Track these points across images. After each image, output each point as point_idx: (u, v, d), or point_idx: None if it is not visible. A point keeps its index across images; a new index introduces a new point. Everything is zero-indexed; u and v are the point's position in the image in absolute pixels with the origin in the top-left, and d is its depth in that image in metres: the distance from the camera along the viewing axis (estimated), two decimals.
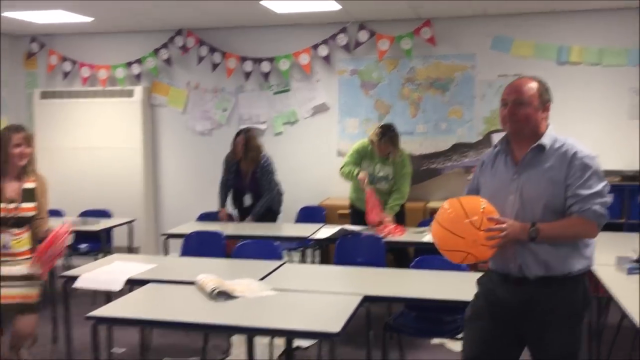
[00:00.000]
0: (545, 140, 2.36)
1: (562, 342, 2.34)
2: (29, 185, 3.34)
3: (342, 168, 4.97)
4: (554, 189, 2.31)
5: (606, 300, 3.63)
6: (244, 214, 5.34)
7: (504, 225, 2.26)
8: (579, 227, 2.29)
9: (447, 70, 6.05)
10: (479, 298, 2.52)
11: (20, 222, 3.31)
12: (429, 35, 5.94)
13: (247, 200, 5.27)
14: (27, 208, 3.32)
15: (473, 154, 6.01)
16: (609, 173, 5.16)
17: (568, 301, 2.33)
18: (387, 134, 4.84)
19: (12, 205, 3.26)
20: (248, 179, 5.25)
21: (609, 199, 2.32)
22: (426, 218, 5.55)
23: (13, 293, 3.32)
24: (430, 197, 6.11)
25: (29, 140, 3.31)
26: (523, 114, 2.35)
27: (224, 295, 2.98)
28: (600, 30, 5.72)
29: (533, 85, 2.39)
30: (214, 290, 2.97)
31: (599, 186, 2.29)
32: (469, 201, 2.37)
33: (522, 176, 2.38)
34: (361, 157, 4.93)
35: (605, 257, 3.31)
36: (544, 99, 2.39)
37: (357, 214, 5.05)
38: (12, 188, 3.29)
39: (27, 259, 3.31)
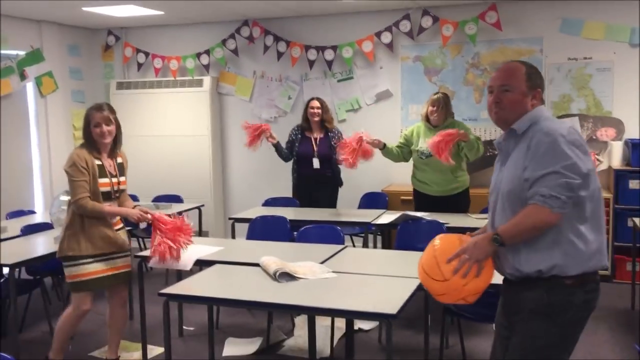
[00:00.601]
0: (519, 124, 2.21)
1: (519, 346, 2.20)
2: (119, 160, 3.69)
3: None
4: (513, 176, 2.16)
5: None
6: (304, 180, 5.44)
7: (462, 253, 2.14)
8: (532, 216, 2.07)
9: (513, 55, 5.94)
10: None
11: (119, 195, 3.68)
12: (495, 20, 5.85)
13: (316, 163, 5.36)
14: (123, 182, 3.71)
15: None
16: None
17: (537, 299, 2.15)
18: (444, 95, 4.96)
19: (115, 180, 3.61)
20: (316, 144, 5.35)
21: (570, 179, 2.04)
22: None
23: (118, 264, 3.68)
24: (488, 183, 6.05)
25: (107, 120, 3.55)
26: (509, 100, 2.22)
27: (286, 276, 3.10)
28: None
29: (520, 69, 2.25)
30: (277, 272, 3.10)
31: (554, 165, 2.05)
32: (441, 247, 2.24)
33: (502, 169, 2.27)
34: (409, 139, 4.99)
35: None
36: (532, 84, 2.24)
37: (420, 198, 5.07)
38: (109, 163, 3.62)
39: (119, 228, 3.69)
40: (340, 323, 4.14)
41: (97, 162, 3.53)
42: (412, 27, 6.13)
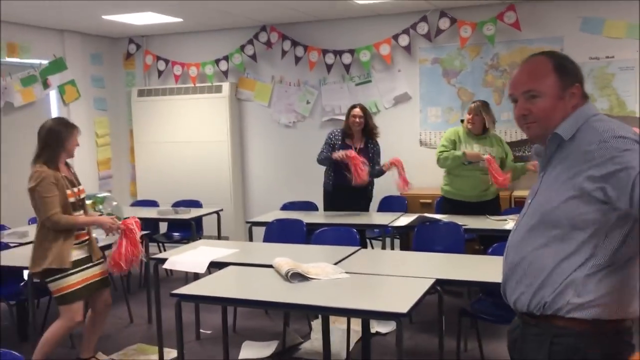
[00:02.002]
0: (564, 127, 1.72)
1: None
2: (72, 169, 3.74)
3: (439, 156, 4.86)
4: (555, 191, 1.70)
5: None
6: (339, 190, 5.17)
7: None
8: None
9: None
10: None
11: (82, 204, 3.70)
12: (514, 20, 5.78)
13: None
14: (82, 189, 3.73)
15: None
16: None
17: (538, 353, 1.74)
18: (482, 103, 4.89)
19: (76, 189, 3.65)
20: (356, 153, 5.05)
21: None
22: (512, 207, 5.45)
23: (97, 271, 3.67)
24: (515, 186, 5.96)
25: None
26: (540, 110, 1.74)
27: (298, 276, 3.09)
28: None
29: (547, 64, 1.75)
30: (288, 272, 3.09)
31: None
32: None
33: (541, 183, 1.80)
34: (453, 143, 4.88)
35: None
36: (567, 80, 1.73)
37: (453, 205, 4.92)
38: (68, 173, 3.64)
39: (86, 240, 3.71)
40: (357, 326, 4.11)
41: (60, 174, 3.55)
42: (429, 29, 6.09)
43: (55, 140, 3.54)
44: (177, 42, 7.23)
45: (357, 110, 5.14)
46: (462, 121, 5.02)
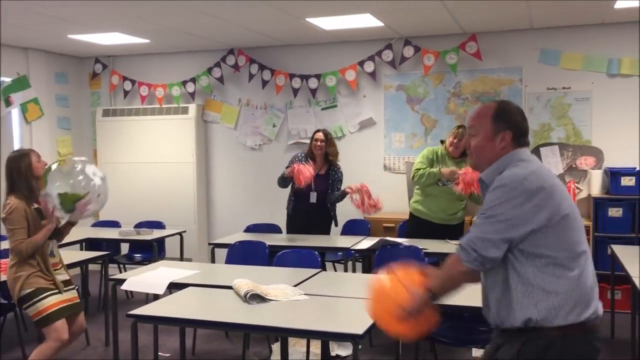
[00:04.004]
0: (487, 174, 2.08)
1: None
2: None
3: (414, 173, 4.91)
4: None
5: None
6: (300, 213, 5.28)
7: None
8: (449, 264, 2.02)
9: (493, 84, 6.03)
10: None
11: (56, 233, 3.67)
12: (475, 50, 5.95)
13: (313, 197, 5.22)
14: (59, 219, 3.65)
15: None
16: None
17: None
18: (462, 129, 4.88)
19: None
20: (315, 180, 5.13)
21: (484, 235, 1.94)
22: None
23: (70, 296, 3.63)
24: (475, 212, 6.07)
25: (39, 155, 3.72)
26: (474, 147, 2.10)
27: (256, 297, 3.09)
28: None
29: (489, 110, 2.09)
30: (247, 293, 3.09)
31: (486, 218, 1.95)
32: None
33: None
34: (431, 162, 4.93)
35: None
36: (499, 126, 2.05)
37: (420, 225, 4.99)
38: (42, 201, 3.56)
39: (59, 268, 3.71)
40: (317, 349, 4.10)
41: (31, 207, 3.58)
42: (394, 57, 6.22)
43: (19, 175, 3.58)
44: (144, 62, 7.23)
45: (319, 135, 5.25)
46: (441, 142, 5.10)
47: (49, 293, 3.55)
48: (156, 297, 4.16)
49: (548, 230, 1.94)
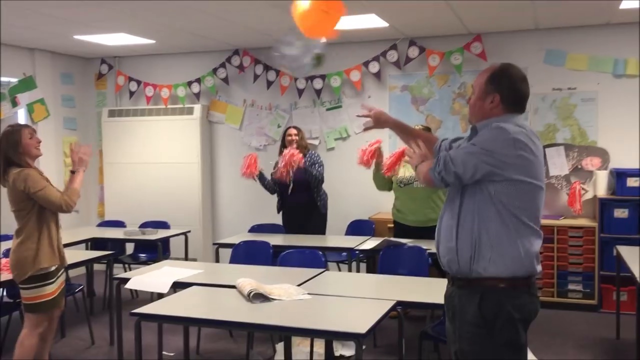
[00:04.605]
0: (481, 126, 2.28)
1: (465, 350, 2.24)
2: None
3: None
4: None
5: None
6: (289, 210, 5.58)
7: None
8: (424, 166, 2.31)
9: None
10: None
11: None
12: (480, 50, 5.94)
13: (290, 189, 5.38)
14: None
15: None
16: None
17: (475, 307, 2.18)
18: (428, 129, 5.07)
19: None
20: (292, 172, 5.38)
21: (474, 158, 2.16)
22: None
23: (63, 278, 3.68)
24: None
25: (34, 131, 3.62)
26: (470, 103, 2.35)
27: (260, 297, 3.09)
28: None
29: (487, 72, 2.31)
30: (250, 293, 3.09)
31: (473, 146, 2.19)
32: None
33: None
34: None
35: None
36: (490, 88, 2.25)
37: (399, 228, 5.13)
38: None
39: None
40: (321, 349, 4.10)
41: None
42: (399, 57, 6.22)
43: (9, 148, 3.48)
44: (150, 63, 7.25)
45: (292, 130, 5.62)
46: None
47: (55, 278, 3.52)
48: (160, 296, 4.18)
49: (523, 187, 2.17)
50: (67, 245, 4.53)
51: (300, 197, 5.43)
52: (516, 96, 2.26)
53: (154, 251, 5.63)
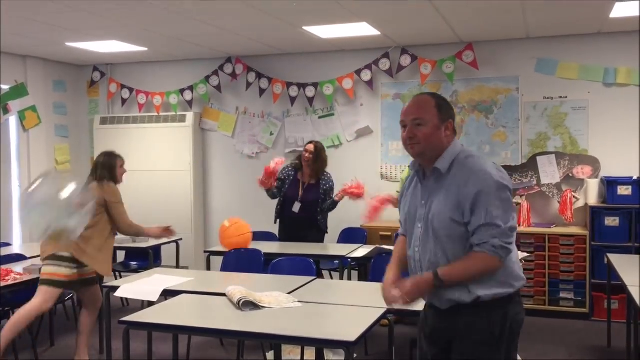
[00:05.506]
0: (442, 163, 2.23)
1: None
2: None
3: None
4: (444, 216, 2.19)
5: None
6: (287, 221, 5.40)
7: (400, 295, 2.19)
8: (480, 264, 2.15)
9: (490, 93, 6.04)
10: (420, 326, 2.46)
11: None
12: (471, 59, 5.97)
13: (296, 207, 5.28)
14: None
15: (517, 177, 5.94)
16: None
17: (479, 327, 2.20)
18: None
19: None
20: (303, 189, 5.30)
21: (507, 230, 2.15)
22: None
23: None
24: None
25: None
26: (422, 134, 2.22)
27: (250, 305, 3.08)
28: None
29: (431, 102, 2.26)
30: (240, 300, 3.08)
31: (497, 213, 2.13)
32: None
33: (428, 202, 2.27)
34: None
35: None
36: (444, 116, 2.25)
37: None
38: None
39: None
40: (311, 357, 4.08)
41: None
42: (391, 65, 6.24)
43: (106, 168, 4.42)
44: (142, 70, 7.25)
45: (309, 146, 5.33)
46: None
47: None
48: (151, 304, 4.15)
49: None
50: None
51: (302, 214, 5.30)
52: (454, 117, 2.35)
53: (145, 259, 5.60)
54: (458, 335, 2.24)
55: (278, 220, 5.52)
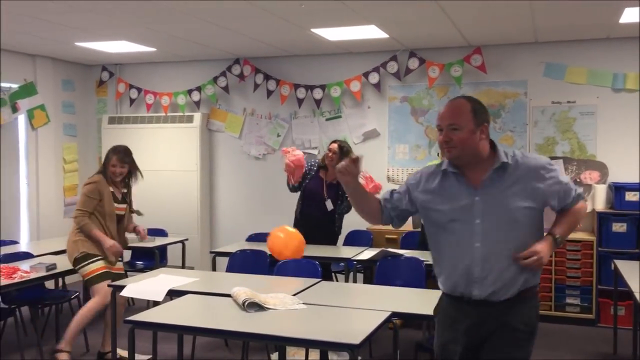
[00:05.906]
0: (504, 159, 2.32)
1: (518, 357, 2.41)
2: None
3: None
4: (518, 206, 2.29)
5: None
6: (306, 218, 5.28)
7: (537, 257, 2.29)
8: (582, 211, 2.45)
9: (498, 97, 6.03)
10: (446, 329, 2.46)
11: (120, 219, 4.73)
12: (480, 63, 5.96)
13: (329, 205, 5.20)
14: (124, 208, 4.74)
15: None
16: None
17: (528, 317, 2.42)
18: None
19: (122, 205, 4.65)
20: (327, 187, 5.22)
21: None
22: None
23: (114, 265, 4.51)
24: None
25: (121, 161, 4.56)
26: (458, 139, 2.28)
27: (255, 306, 3.08)
28: None
29: (466, 107, 2.30)
30: (245, 302, 3.08)
31: (565, 178, 2.42)
32: None
33: (484, 198, 2.32)
34: None
35: None
36: (479, 120, 2.30)
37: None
38: (116, 191, 4.67)
39: None
40: (316, 358, 4.08)
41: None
42: (399, 68, 6.23)
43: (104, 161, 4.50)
44: (151, 71, 7.27)
45: (333, 146, 5.23)
46: (438, 154, 5.10)
47: (95, 259, 4.29)
48: (156, 304, 4.16)
49: None
50: (63, 251, 4.54)
51: (325, 212, 5.24)
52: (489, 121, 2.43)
53: (151, 259, 5.62)
54: (500, 326, 2.36)
55: (296, 215, 5.39)
